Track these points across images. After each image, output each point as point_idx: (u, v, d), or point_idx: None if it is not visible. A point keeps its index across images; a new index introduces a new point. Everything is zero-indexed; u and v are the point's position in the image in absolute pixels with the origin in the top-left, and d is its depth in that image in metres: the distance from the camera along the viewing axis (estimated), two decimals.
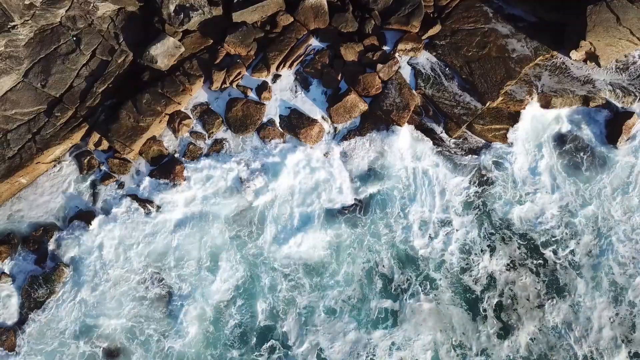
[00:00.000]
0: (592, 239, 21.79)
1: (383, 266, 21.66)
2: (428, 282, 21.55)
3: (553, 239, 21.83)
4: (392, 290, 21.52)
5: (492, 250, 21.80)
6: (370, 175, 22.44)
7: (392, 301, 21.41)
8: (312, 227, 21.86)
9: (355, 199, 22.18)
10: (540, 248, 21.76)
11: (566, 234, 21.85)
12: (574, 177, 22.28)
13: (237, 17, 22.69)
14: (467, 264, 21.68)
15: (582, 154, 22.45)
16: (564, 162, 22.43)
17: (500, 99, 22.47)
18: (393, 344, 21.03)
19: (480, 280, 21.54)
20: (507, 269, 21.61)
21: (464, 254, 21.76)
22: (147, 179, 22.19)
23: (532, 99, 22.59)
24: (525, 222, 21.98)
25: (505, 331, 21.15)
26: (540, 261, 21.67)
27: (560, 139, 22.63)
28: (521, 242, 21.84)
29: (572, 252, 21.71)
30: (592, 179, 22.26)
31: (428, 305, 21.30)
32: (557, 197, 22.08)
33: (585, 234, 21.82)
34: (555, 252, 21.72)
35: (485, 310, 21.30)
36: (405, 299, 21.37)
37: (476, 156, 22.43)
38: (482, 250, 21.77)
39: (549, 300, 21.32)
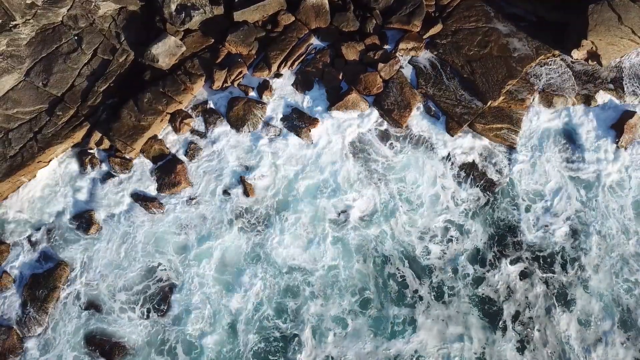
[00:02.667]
0: (599, 252, 21.49)
1: (395, 272, 21.34)
2: (444, 290, 21.22)
3: (560, 250, 21.53)
4: (408, 298, 21.11)
5: (500, 258, 21.52)
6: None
7: (409, 309, 20.96)
8: (319, 230, 21.81)
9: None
10: (548, 259, 21.44)
11: (574, 245, 21.55)
12: (577, 181, 22.12)
13: (238, 16, 22.72)
14: (475, 272, 21.34)
15: (585, 155, 22.32)
16: (566, 165, 22.32)
17: (501, 98, 22.45)
18: (416, 351, 20.56)
19: (490, 289, 21.21)
20: (515, 279, 21.27)
21: (472, 263, 21.47)
22: (150, 177, 22.22)
23: (533, 98, 22.59)
24: (531, 230, 21.76)
25: (524, 344, 20.68)
26: (549, 273, 21.29)
27: (563, 140, 22.54)
28: (529, 252, 21.53)
29: (580, 266, 21.38)
30: (595, 182, 22.13)
31: (443, 314, 20.99)
32: (563, 205, 21.88)
33: (591, 245, 21.55)
34: (563, 266, 21.37)
35: (503, 321, 20.87)
36: (421, 309, 20.97)
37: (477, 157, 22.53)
38: (494, 259, 21.49)
39: (561, 314, 20.95)
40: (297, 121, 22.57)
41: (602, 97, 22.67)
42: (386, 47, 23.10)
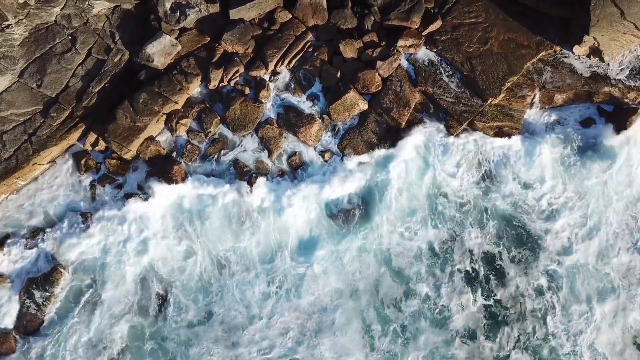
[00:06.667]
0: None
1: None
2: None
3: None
4: None
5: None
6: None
7: None
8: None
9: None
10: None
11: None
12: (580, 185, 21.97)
13: (234, 14, 22.34)
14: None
15: (586, 154, 22.07)
16: (568, 165, 22.12)
17: (502, 95, 22.11)
18: None
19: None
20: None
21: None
22: (146, 179, 21.97)
23: (534, 95, 22.25)
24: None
25: None
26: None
27: (565, 137, 22.21)
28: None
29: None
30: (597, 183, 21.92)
31: None
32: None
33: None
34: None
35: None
36: None
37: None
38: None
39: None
40: (295, 120, 22.26)
41: (604, 93, 22.29)
42: (384, 44, 22.67)
